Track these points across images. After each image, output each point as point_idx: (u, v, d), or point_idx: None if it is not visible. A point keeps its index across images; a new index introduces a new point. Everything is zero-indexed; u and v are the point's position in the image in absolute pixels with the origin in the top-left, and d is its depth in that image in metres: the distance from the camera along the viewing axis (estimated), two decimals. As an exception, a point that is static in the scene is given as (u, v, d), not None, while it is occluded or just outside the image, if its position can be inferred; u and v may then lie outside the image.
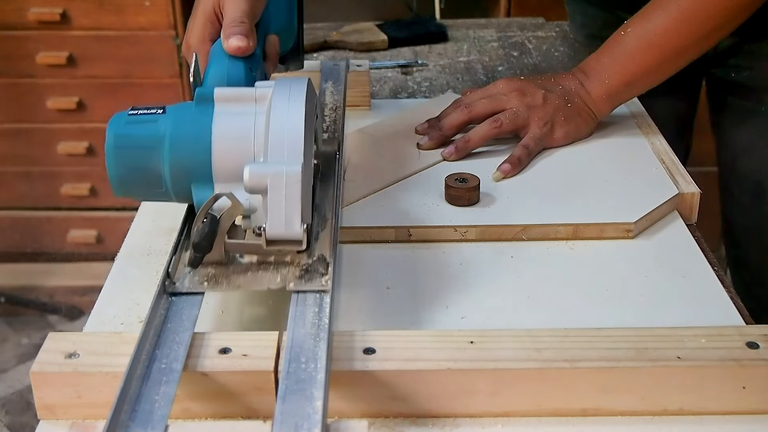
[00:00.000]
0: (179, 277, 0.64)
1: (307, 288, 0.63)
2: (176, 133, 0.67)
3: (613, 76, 0.96)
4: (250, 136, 0.66)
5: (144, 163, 0.67)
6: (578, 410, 0.59)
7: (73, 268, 2.39)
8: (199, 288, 0.64)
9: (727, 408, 0.59)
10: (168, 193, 0.68)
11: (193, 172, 0.67)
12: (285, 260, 0.65)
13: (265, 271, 0.65)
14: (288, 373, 0.55)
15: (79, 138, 2.26)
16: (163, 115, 0.68)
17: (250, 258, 0.66)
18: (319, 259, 0.65)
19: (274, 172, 0.63)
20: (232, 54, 0.74)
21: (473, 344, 0.59)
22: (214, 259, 0.65)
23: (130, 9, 2.12)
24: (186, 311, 0.62)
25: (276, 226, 0.63)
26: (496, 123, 0.93)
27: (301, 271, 0.64)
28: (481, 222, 0.80)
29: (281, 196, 0.63)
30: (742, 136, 1.15)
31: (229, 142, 0.66)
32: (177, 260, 0.66)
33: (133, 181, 0.69)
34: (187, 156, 0.67)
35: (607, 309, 0.71)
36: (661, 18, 0.93)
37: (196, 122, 0.67)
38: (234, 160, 0.66)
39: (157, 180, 0.68)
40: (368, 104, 1.07)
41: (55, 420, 0.59)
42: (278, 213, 0.63)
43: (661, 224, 0.83)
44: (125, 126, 0.68)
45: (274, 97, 0.67)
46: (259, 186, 0.63)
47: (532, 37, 1.39)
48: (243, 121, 0.67)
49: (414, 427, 0.59)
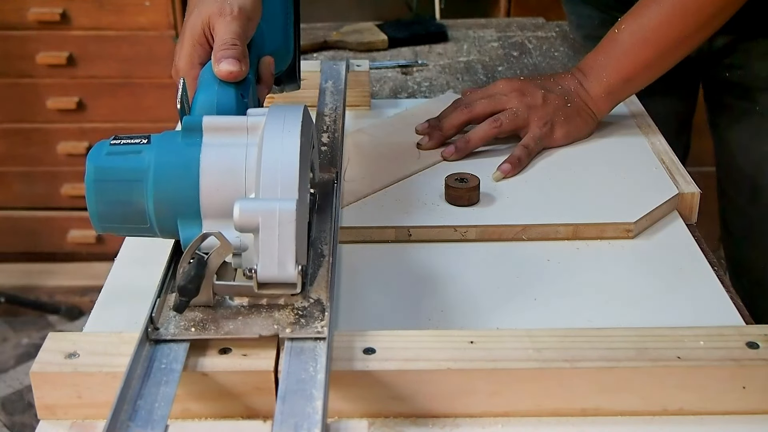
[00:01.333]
0: (163, 323, 0.59)
1: (302, 335, 0.58)
2: (161, 165, 0.62)
3: (611, 74, 0.96)
4: (241, 170, 0.62)
5: (126, 198, 0.63)
6: (578, 410, 0.59)
7: (73, 268, 2.39)
8: (184, 335, 0.58)
9: (727, 408, 0.59)
10: (152, 229, 0.64)
11: (180, 207, 0.62)
12: (278, 303, 0.60)
13: (257, 316, 0.59)
14: (288, 373, 0.55)
15: (79, 138, 2.26)
16: (147, 145, 0.63)
17: (240, 300, 0.61)
18: (315, 303, 0.60)
19: (267, 210, 0.58)
20: (223, 79, 0.69)
21: (473, 344, 0.59)
22: (201, 302, 0.60)
23: (130, 9, 2.12)
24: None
25: (268, 268, 0.58)
26: (496, 123, 0.93)
27: (296, 315, 0.59)
28: (481, 222, 0.80)
29: (274, 235, 0.58)
30: (737, 136, 1.16)
31: (218, 175, 0.62)
32: (162, 303, 0.60)
33: (115, 217, 0.64)
34: (173, 191, 0.62)
35: (607, 309, 0.71)
36: (655, 13, 0.94)
37: (183, 154, 0.62)
38: (223, 195, 0.61)
39: (141, 216, 0.63)
40: (368, 104, 1.07)
41: (55, 420, 0.59)
42: (271, 254, 0.58)
43: (661, 224, 0.83)
44: (106, 158, 0.63)
45: (267, 126, 0.63)
46: (250, 224, 0.58)
47: (532, 37, 1.39)
48: (233, 152, 0.62)
49: (414, 427, 0.59)
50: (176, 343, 0.58)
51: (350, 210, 0.82)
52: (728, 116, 1.17)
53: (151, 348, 0.57)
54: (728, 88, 1.15)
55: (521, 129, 0.94)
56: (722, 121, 1.18)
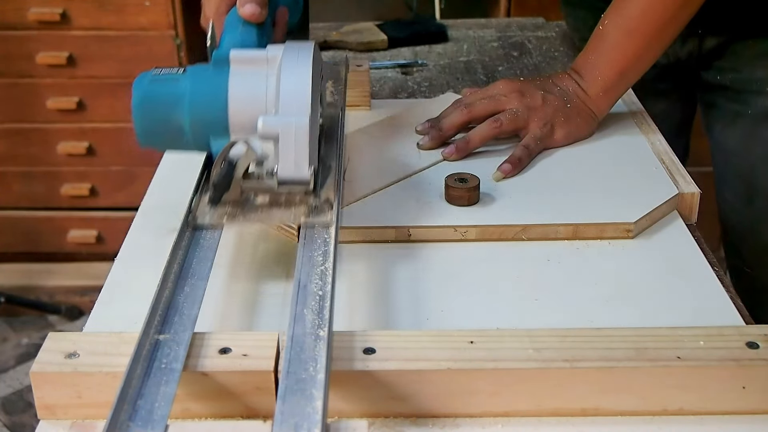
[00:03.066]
0: (201, 215, 0.71)
1: (315, 222, 0.71)
2: (196, 91, 0.74)
3: (605, 72, 0.96)
4: (263, 93, 0.73)
5: (166, 118, 0.74)
6: (578, 410, 0.59)
7: (73, 268, 2.39)
8: (218, 222, 0.71)
9: (727, 408, 0.59)
10: (189, 143, 0.75)
11: (212, 125, 0.73)
12: (294, 200, 0.73)
13: (276, 209, 0.72)
14: (288, 372, 0.54)
15: (79, 138, 2.26)
16: (183, 74, 0.75)
17: (263, 198, 0.73)
18: (325, 201, 0.73)
19: (285, 122, 0.70)
20: (246, 19, 0.79)
21: (473, 344, 0.59)
22: (231, 199, 0.72)
23: (130, 9, 2.12)
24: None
25: (287, 169, 0.71)
26: (497, 123, 0.93)
27: (309, 209, 0.72)
28: (481, 222, 0.80)
29: (291, 143, 0.70)
30: (731, 139, 1.16)
31: (243, 98, 0.73)
32: (198, 201, 0.73)
33: (157, 134, 0.75)
34: (206, 111, 0.73)
35: (607, 309, 0.71)
36: (635, 2, 0.94)
37: (214, 81, 0.73)
38: (248, 114, 0.72)
39: (179, 133, 0.74)
40: (368, 104, 1.07)
41: (55, 420, 0.59)
42: (288, 157, 0.71)
43: (661, 224, 0.83)
44: (149, 85, 0.75)
45: (284, 58, 0.74)
46: (271, 134, 0.71)
47: (532, 37, 1.39)
48: (256, 80, 0.73)
49: (414, 427, 0.59)
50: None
51: (350, 210, 0.82)
52: (722, 119, 1.17)
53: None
54: (721, 91, 1.15)
55: (521, 129, 0.94)
56: (716, 123, 1.18)
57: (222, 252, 0.72)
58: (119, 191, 2.31)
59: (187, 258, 0.67)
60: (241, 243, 0.80)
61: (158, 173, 0.94)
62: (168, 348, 0.57)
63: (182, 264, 0.66)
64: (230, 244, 0.80)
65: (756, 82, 1.10)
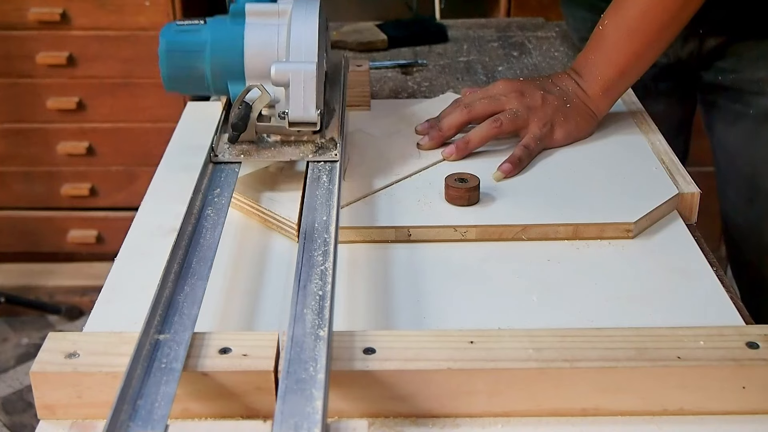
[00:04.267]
0: (221, 152, 0.81)
1: (322, 159, 0.81)
2: (216, 40, 0.84)
3: (605, 71, 0.96)
4: (275, 42, 0.83)
5: (190, 64, 0.85)
6: (578, 410, 0.59)
7: (73, 268, 2.39)
8: (236, 158, 0.81)
9: (727, 408, 0.59)
10: (209, 88, 0.85)
11: (229, 71, 0.84)
12: (303, 140, 0.83)
13: (287, 147, 0.83)
14: (288, 372, 0.55)
15: (79, 138, 2.26)
16: (204, 25, 0.85)
17: (275, 138, 0.84)
18: (330, 140, 0.83)
19: (295, 69, 0.80)
20: None
21: (473, 344, 0.59)
22: (247, 138, 0.82)
23: (130, 9, 2.12)
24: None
25: (296, 111, 0.80)
26: (496, 123, 0.93)
27: (316, 147, 0.82)
28: (481, 222, 0.80)
29: (300, 87, 0.80)
30: (733, 139, 1.16)
31: (257, 47, 0.83)
32: (218, 140, 0.83)
33: (181, 79, 0.86)
34: (225, 58, 0.84)
35: (607, 309, 0.71)
36: (635, 2, 0.94)
37: (232, 31, 0.83)
38: (262, 61, 0.82)
39: (201, 78, 0.85)
40: (368, 104, 1.07)
41: (55, 420, 0.59)
42: (298, 100, 0.80)
43: (661, 224, 0.83)
44: (174, 34, 0.85)
45: (294, 11, 0.84)
46: (282, 79, 0.80)
47: (532, 37, 1.39)
48: (268, 30, 0.83)
49: (414, 427, 0.59)
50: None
51: (350, 210, 0.82)
52: (723, 119, 1.17)
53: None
54: (721, 91, 1.15)
55: (521, 129, 0.94)
56: (718, 124, 1.18)
57: (222, 252, 0.72)
58: (119, 191, 2.31)
59: (187, 258, 0.68)
60: (242, 243, 0.80)
61: (158, 173, 0.94)
62: (168, 348, 0.57)
63: (182, 264, 0.66)
64: (230, 244, 0.80)
65: (757, 83, 1.10)
